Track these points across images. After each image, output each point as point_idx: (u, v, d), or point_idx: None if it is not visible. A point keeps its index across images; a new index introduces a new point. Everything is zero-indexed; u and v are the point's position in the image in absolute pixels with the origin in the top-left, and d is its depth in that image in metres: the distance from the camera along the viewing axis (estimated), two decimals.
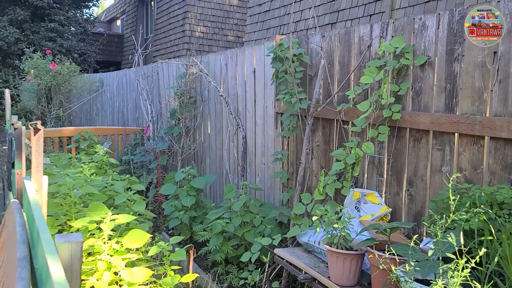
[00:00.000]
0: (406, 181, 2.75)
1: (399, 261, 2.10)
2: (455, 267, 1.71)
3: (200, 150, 5.21)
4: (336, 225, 2.50)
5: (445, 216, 1.94)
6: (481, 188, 2.17)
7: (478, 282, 1.76)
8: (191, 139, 5.33)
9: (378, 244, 2.36)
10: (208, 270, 3.72)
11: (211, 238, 3.56)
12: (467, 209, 1.98)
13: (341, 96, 3.17)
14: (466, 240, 1.94)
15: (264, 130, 4.03)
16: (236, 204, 3.55)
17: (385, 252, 2.14)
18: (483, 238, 1.92)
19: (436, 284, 1.73)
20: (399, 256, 2.06)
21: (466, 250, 1.82)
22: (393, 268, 1.98)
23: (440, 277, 1.77)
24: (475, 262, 1.69)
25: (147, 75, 6.42)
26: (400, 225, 2.29)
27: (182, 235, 4.06)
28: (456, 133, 2.44)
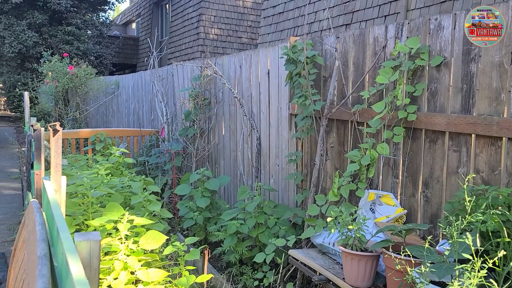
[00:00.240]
0: (421, 183, 2.73)
1: (415, 262, 2.08)
2: (472, 268, 1.70)
3: (215, 151, 5.23)
4: (350, 227, 2.50)
5: (460, 217, 1.93)
6: (498, 190, 2.14)
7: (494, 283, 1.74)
8: (205, 141, 5.37)
9: (393, 246, 2.35)
10: (223, 270, 3.73)
11: (225, 239, 3.58)
12: (483, 210, 1.96)
13: (356, 97, 3.16)
14: (482, 241, 1.92)
15: (278, 132, 4.04)
16: (250, 205, 3.57)
17: (401, 254, 2.13)
18: (499, 239, 1.90)
19: (452, 285, 1.72)
20: (414, 257, 2.04)
21: (482, 252, 1.80)
22: (409, 269, 1.97)
23: (457, 279, 1.75)
24: (492, 264, 1.67)
25: (162, 77, 6.47)
26: (415, 226, 2.28)
27: (197, 236, 4.08)
28: (473, 134, 2.41)
